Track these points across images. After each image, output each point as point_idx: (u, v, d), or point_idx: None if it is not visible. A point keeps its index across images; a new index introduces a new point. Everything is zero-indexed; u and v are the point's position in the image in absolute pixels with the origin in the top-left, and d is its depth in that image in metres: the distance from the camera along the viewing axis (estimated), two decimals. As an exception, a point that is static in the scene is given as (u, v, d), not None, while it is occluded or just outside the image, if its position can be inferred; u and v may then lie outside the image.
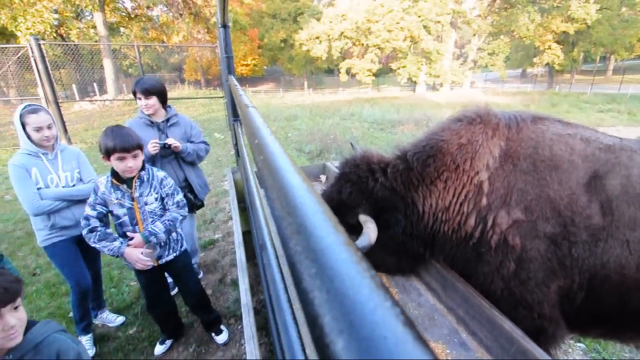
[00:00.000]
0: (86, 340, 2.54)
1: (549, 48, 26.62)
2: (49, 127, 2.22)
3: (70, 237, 2.40)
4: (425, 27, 26.17)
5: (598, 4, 23.38)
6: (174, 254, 2.28)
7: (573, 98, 20.65)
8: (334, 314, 0.18)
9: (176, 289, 2.92)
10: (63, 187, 2.30)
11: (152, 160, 2.58)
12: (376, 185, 1.61)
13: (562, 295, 1.43)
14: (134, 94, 2.58)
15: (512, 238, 1.36)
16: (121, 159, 1.93)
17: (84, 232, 2.03)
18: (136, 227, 2.10)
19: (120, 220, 2.09)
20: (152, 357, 2.48)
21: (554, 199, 1.35)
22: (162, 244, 2.21)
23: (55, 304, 3.04)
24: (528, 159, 1.41)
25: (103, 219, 2.07)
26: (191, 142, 2.80)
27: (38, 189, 2.22)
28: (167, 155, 2.68)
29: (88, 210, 2.03)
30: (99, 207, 2.04)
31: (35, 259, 3.75)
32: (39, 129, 2.17)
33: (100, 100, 15.23)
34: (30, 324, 1.27)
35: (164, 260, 2.23)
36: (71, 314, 2.92)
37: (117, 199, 2.04)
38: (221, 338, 2.60)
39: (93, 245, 2.03)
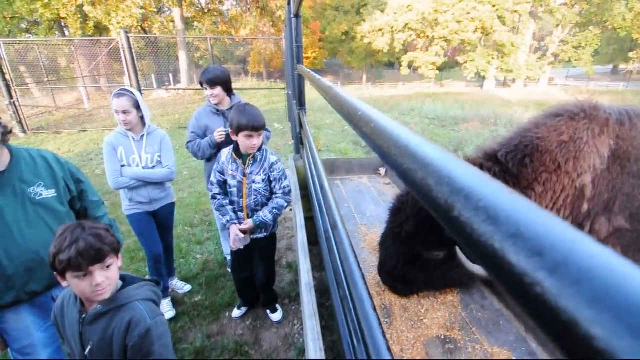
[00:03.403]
0: (166, 304, 2.80)
1: (651, 41, 23.10)
2: (125, 112, 2.35)
3: (145, 211, 2.65)
4: (499, 17, 24.11)
5: None
6: (265, 234, 2.43)
7: (678, 99, 17.74)
8: (529, 235, 0.18)
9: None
10: (143, 167, 2.50)
11: (218, 146, 2.70)
12: None
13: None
14: (201, 84, 2.70)
15: (611, 248, 1.20)
16: (248, 136, 2.11)
17: (210, 195, 2.33)
18: (241, 199, 2.30)
19: (231, 190, 2.31)
20: (213, 325, 2.70)
21: None
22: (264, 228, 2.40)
23: (134, 267, 3.42)
24: None
25: (223, 186, 2.32)
26: None
27: (122, 166, 2.45)
28: (231, 142, 2.81)
29: (212, 176, 2.31)
30: (218, 175, 2.30)
31: (120, 226, 4.25)
32: (117, 112, 2.36)
33: (175, 89, 16.64)
34: (134, 280, 1.40)
35: (255, 236, 2.40)
36: (147, 277, 3.27)
37: (232, 170, 2.26)
38: (276, 316, 2.72)
39: (214, 209, 2.33)
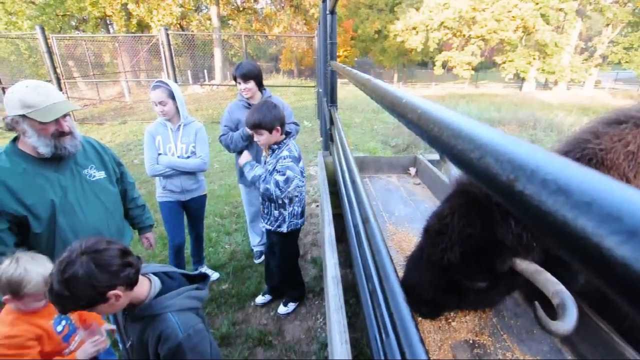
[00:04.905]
0: None
1: None
2: (161, 103, 2.45)
3: (176, 200, 2.75)
4: (543, 15, 22.82)
5: None
6: (271, 228, 2.52)
7: None
8: (605, 202, 0.18)
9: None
10: (178, 157, 2.60)
11: (250, 139, 2.78)
12: None
13: None
14: (235, 78, 2.78)
15: None
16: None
17: None
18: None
19: None
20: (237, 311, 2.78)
21: None
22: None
23: (166, 253, 3.57)
24: None
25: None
26: None
27: (159, 154, 2.57)
28: None
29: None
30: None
31: (154, 214, 4.46)
32: (155, 104, 2.48)
33: (209, 85, 17.19)
34: (172, 285, 1.35)
35: (271, 229, 2.51)
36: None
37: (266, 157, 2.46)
38: (281, 309, 2.79)
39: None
